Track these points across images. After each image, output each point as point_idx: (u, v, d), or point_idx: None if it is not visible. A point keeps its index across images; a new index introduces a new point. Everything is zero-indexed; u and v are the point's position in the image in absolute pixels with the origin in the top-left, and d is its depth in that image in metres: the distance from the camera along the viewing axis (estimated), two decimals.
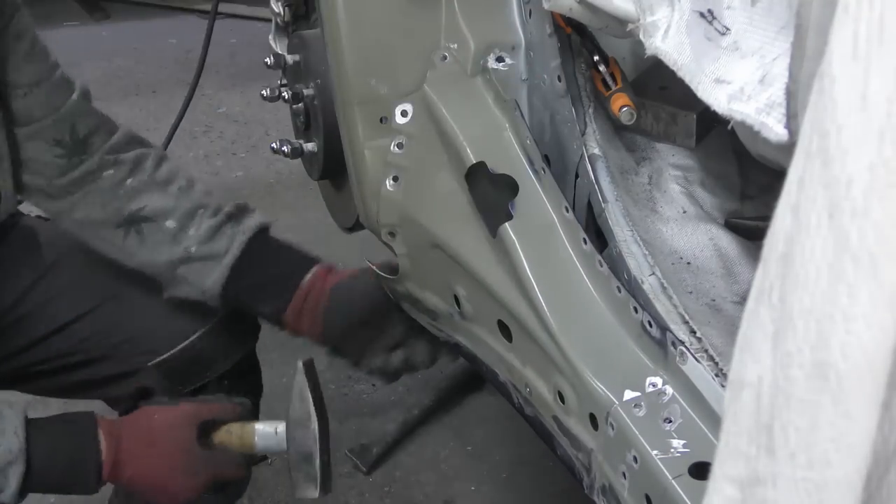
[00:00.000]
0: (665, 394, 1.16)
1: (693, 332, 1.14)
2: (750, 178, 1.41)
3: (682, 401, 1.14)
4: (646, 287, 1.19)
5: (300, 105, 1.83)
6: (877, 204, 0.51)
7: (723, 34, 0.97)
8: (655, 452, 1.10)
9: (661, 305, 1.17)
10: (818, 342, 0.54)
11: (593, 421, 1.21)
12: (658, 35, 1.05)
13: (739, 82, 0.93)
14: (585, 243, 1.28)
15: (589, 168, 1.31)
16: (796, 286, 0.55)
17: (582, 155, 1.33)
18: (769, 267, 0.57)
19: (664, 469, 1.08)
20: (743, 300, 1.07)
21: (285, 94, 1.83)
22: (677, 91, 1.15)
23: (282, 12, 1.96)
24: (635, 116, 1.31)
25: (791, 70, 0.83)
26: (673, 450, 1.10)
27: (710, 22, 0.98)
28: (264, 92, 1.87)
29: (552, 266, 1.30)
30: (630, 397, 1.17)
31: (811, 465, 0.55)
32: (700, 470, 1.07)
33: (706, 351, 1.12)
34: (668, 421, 1.13)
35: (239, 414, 1.46)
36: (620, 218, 1.25)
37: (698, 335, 1.13)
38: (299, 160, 1.92)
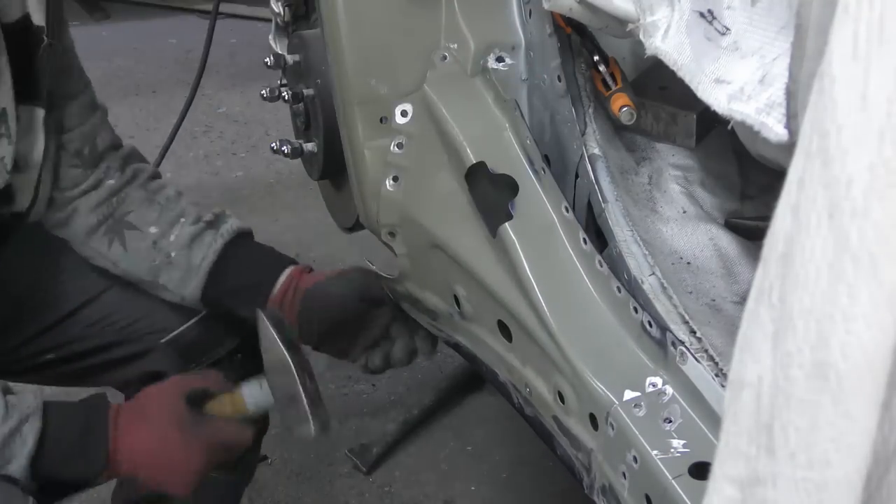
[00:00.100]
0: (665, 394, 1.16)
1: (693, 332, 1.14)
2: (750, 178, 1.41)
3: (682, 401, 1.14)
4: (646, 287, 1.19)
5: (300, 105, 1.83)
6: (877, 204, 0.51)
7: (723, 34, 0.97)
8: (655, 452, 1.10)
9: (661, 305, 1.17)
10: (818, 342, 0.54)
11: (593, 421, 1.21)
12: (658, 35, 1.05)
13: (739, 82, 0.93)
14: (585, 243, 1.28)
15: (589, 168, 1.31)
16: (796, 286, 0.55)
17: (582, 155, 1.33)
18: (769, 267, 0.57)
19: (664, 469, 1.08)
20: (743, 300, 1.07)
21: (285, 94, 1.83)
22: (677, 91, 1.14)
23: (282, 12, 1.96)
24: (635, 116, 1.31)
25: (791, 70, 0.83)
26: (673, 450, 1.10)
27: (710, 22, 0.98)
28: (264, 92, 1.87)
29: (552, 266, 1.30)
30: (630, 397, 1.17)
31: (811, 465, 0.55)
32: (700, 470, 1.07)
33: (706, 351, 1.12)
34: (668, 421, 1.13)
35: (227, 388, 1.46)
36: (620, 218, 1.25)
37: (698, 335, 1.13)
38: (299, 160, 1.93)
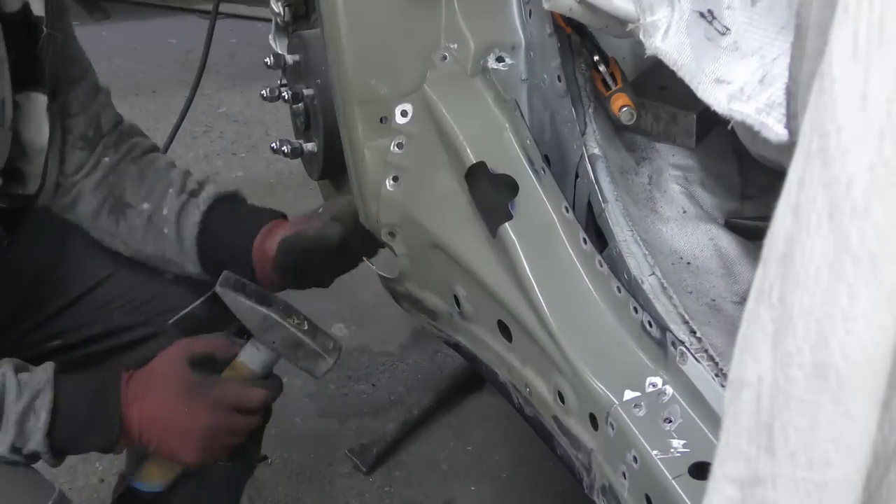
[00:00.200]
0: (665, 394, 1.16)
1: (693, 332, 1.14)
2: (750, 178, 1.41)
3: (682, 401, 1.14)
4: (646, 287, 1.19)
5: (300, 105, 1.83)
6: (877, 204, 0.51)
7: (723, 34, 0.97)
8: (655, 452, 1.10)
9: (661, 305, 1.17)
10: (818, 342, 0.54)
11: (593, 421, 1.21)
12: (658, 35, 1.05)
13: (739, 82, 0.93)
14: (585, 243, 1.28)
15: (589, 168, 1.31)
16: (796, 286, 0.54)
17: (582, 155, 1.33)
18: (769, 267, 0.57)
19: (664, 469, 1.08)
20: (743, 300, 1.07)
21: (285, 94, 1.84)
22: (677, 91, 1.15)
23: (282, 12, 1.96)
24: (635, 116, 1.31)
25: (791, 70, 0.83)
26: (673, 450, 1.10)
27: (710, 22, 0.98)
28: (264, 92, 1.87)
29: (552, 266, 1.30)
30: (630, 397, 1.17)
31: (811, 465, 0.55)
32: (700, 470, 1.07)
33: (706, 351, 1.12)
34: (668, 421, 1.13)
35: (234, 352, 1.44)
36: (620, 218, 1.25)
37: (698, 335, 1.13)
38: (299, 160, 1.93)
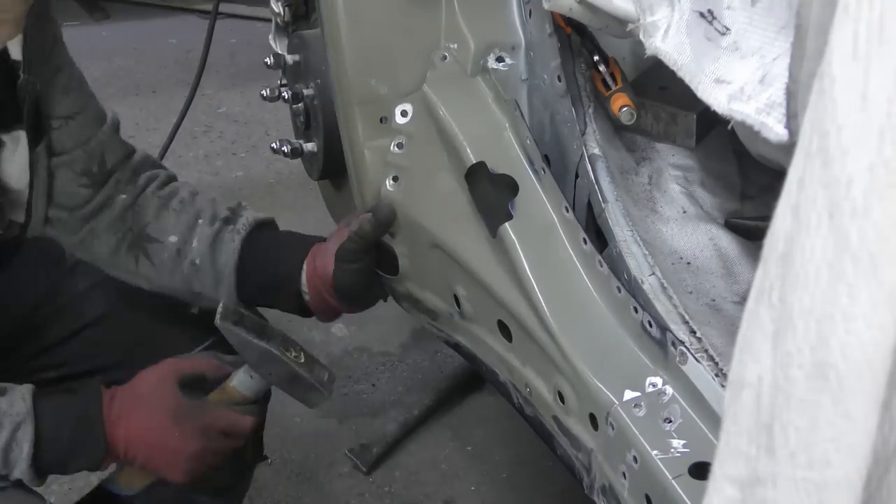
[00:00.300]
0: (665, 394, 1.16)
1: (693, 332, 1.14)
2: (750, 178, 1.41)
3: (682, 401, 1.14)
4: (646, 287, 1.19)
5: (300, 105, 1.83)
6: (877, 204, 0.51)
7: (723, 34, 0.97)
8: (655, 452, 1.10)
9: (661, 305, 1.17)
10: (818, 342, 0.54)
11: (593, 421, 1.21)
12: (658, 35, 1.05)
13: (739, 82, 0.93)
14: (585, 243, 1.28)
15: (589, 168, 1.31)
16: (796, 286, 0.54)
17: (582, 155, 1.33)
18: (769, 267, 0.57)
19: (664, 469, 1.08)
20: (743, 300, 1.07)
21: (285, 94, 1.84)
22: (677, 91, 1.15)
23: (282, 12, 1.96)
24: (635, 116, 1.31)
25: (791, 70, 0.83)
26: (673, 450, 1.10)
27: (710, 22, 0.98)
28: (264, 92, 1.87)
29: (552, 266, 1.30)
30: (630, 397, 1.17)
31: (811, 465, 0.55)
32: (700, 470, 1.07)
33: (706, 351, 1.12)
34: (668, 421, 1.13)
35: (227, 374, 1.43)
36: (620, 218, 1.25)
37: (698, 335, 1.13)
38: (299, 160, 1.93)
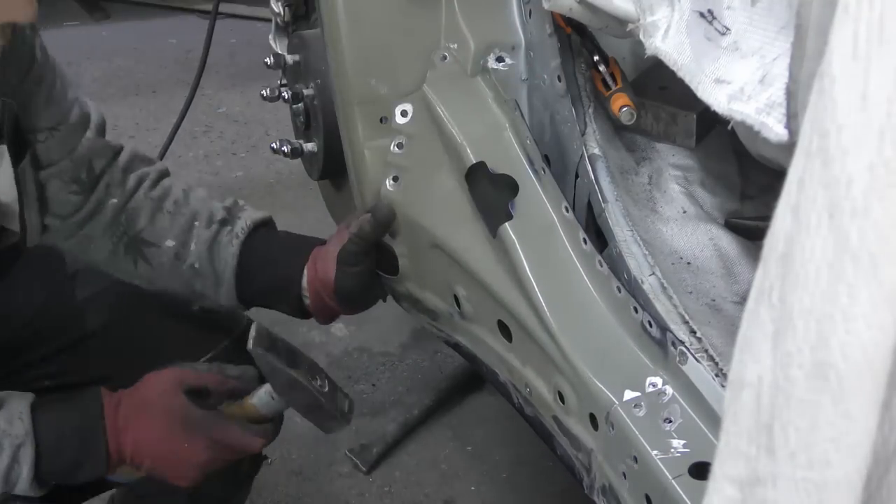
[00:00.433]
0: (665, 394, 1.16)
1: (693, 332, 1.14)
2: (750, 178, 1.41)
3: (682, 401, 1.14)
4: (646, 287, 1.19)
5: (300, 105, 1.83)
6: (877, 204, 0.51)
7: (723, 34, 0.97)
8: (655, 452, 1.10)
9: (661, 305, 1.17)
10: (818, 342, 0.54)
11: (593, 421, 1.21)
12: (658, 35, 1.05)
13: (739, 82, 0.93)
14: (585, 243, 1.28)
15: (589, 168, 1.31)
16: (796, 286, 0.54)
17: (582, 155, 1.33)
18: (769, 267, 0.57)
19: (664, 469, 1.08)
20: (743, 300, 1.07)
21: (285, 94, 1.84)
22: (677, 91, 1.15)
23: (282, 12, 1.96)
24: (635, 116, 1.31)
25: (791, 70, 0.83)
26: (673, 450, 1.10)
27: (710, 22, 0.98)
28: (264, 92, 1.87)
29: (552, 266, 1.30)
30: (630, 397, 1.17)
31: (811, 465, 0.55)
32: (700, 470, 1.07)
33: (706, 351, 1.12)
34: (668, 421, 1.13)
35: (231, 388, 1.42)
36: (620, 218, 1.25)
37: (698, 335, 1.13)
38: (299, 160, 1.93)
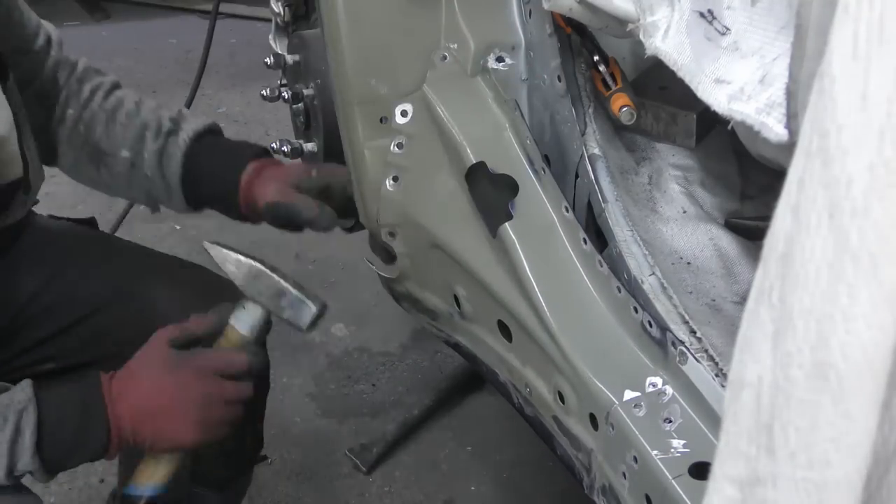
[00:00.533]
0: (665, 394, 1.16)
1: (693, 332, 1.14)
2: (750, 178, 1.41)
3: (682, 401, 1.14)
4: (646, 287, 1.19)
5: (300, 105, 1.83)
6: (877, 204, 0.51)
7: (723, 34, 0.97)
8: (655, 452, 1.10)
9: (661, 305, 1.17)
10: (818, 342, 0.54)
11: (593, 421, 1.21)
12: (658, 35, 1.05)
13: (739, 82, 0.93)
14: (585, 243, 1.28)
15: (589, 168, 1.31)
16: (796, 286, 0.54)
17: (582, 155, 1.33)
18: (769, 267, 0.57)
19: (664, 469, 1.08)
20: (743, 300, 1.07)
21: (285, 94, 1.83)
22: (677, 91, 1.15)
23: (282, 12, 1.96)
24: (635, 116, 1.31)
25: (791, 70, 0.83)
26: (673, 450, 1.10)
27: (710, 22, 0.98)
28: (264, 92, 1.87)
29: (552, 266, 1.30)
30: (630, 397, 1.17)
31: (811, 465, 0.55)
32: (700, 470, 1.07)
33: (706, 351, 1.12)
34: (668, 421, 1.13)
35: (212, 323, 1.39)
36: (620, 218, 1.25)
37: (698, 335, 1.13)
38: (299, 160, 1.92)
